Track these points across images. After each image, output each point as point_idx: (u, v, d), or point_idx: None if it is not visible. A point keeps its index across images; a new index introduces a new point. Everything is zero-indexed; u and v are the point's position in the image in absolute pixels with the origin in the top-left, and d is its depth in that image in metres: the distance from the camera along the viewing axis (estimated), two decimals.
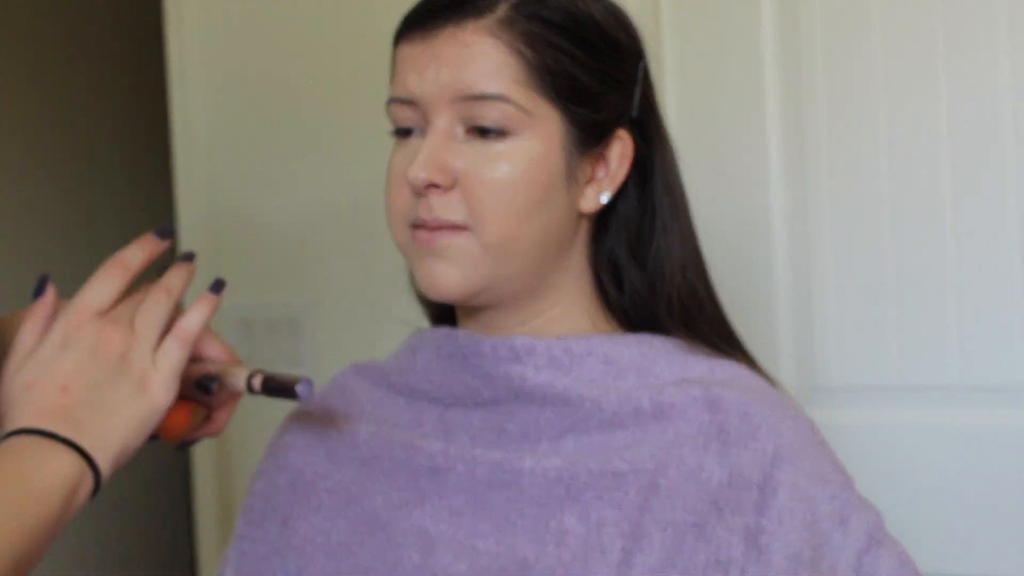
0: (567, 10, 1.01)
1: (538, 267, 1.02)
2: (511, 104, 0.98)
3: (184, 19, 1.96)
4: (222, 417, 1.03)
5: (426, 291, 1.02)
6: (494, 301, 1.03)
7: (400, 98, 1.01)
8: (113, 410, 0.91)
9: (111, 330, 0.93)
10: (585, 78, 1.00)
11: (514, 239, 0.99)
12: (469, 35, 0.99)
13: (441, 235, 0.99)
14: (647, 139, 1.06)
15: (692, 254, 1.08)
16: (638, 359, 1.04)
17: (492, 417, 1.03)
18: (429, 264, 1.00)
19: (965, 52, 1.46)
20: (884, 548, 1.00)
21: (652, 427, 1.00)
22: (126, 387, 0.92)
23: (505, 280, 1.01)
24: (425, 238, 1.00)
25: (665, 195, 1.06)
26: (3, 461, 0.88)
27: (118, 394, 0.92)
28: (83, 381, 0.91)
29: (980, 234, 1.47)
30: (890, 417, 1.52)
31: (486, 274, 1.00)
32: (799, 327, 1.57)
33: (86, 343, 0.92)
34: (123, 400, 0.92)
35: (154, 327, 0.94)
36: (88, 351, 0.92)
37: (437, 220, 0.99)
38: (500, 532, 0.99)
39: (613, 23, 1.04)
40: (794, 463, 0.99)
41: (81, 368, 0.92)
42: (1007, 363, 1.46)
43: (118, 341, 0.93)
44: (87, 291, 0.95)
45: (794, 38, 1.55)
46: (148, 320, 0.94)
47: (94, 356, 0.92)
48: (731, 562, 0.96)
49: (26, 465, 0.88)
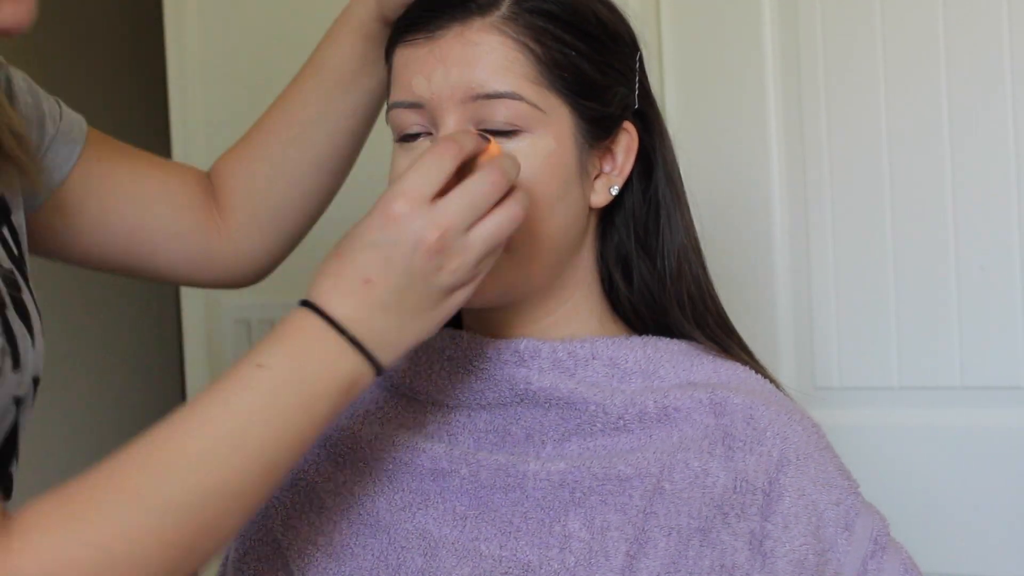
0: (568, 3, 1.00)
1: (554, 266, 1.01)
2: (523, 101, 0.96)
3: (184, 19, 1.96)
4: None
5: None
6: (508, 302, 1.02)
7: (406, 102, 0.99)
8: (410, 317, 0.87)
9: (433, 233, 0.86)
10: (592, 71, 1.00)
11: (534, 239, 0.98)
12: (476, 33, 0.97)
13: None
14: (649, 131, 1.05)
15: (694, 244, 1.08)
16: (643, 362, 1.03)
17: (496, 420, 1.03)
18: None
19: (965, 52, 1.46)
20: (889, 553, 1.00)
21: (657, 431, 1.00)
22: (432, 297, 0.88)
23: (524, 281, 1.00)
24: None
25: (667, 186, 1.06)
26: (284, 346, 0.85)
27: (420, 303, 0.87)
28: (389, 282, 0.86)
29: (980, 234, 1.47)
30: (890, 417, 1.52)
31: (506, 277, 0.98)
32: (799, 328, 1.57)
33: (405, 239, 0.86)
34: (424, 308, 0.87)
35: (488, 243, 0.88)
36: (405, 250, 0.86)
37: None
38: (504, 536, 0.98)
39: (611, 15, 1.03)
40: (799, 468, 0.99)
41: (391, 266, 0.86)
42: (1007, 363, 1.46)
43: (440, 247, 0.86)
44: (416, 174, 0.87)
45: (794, 38, 1.55)
46: (490, 238, 0.88)
47: (409, 257, 0.86)
48: (736, 567, 0.95)
49: (310, 359, 0.85)
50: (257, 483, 0.83)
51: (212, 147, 1.92)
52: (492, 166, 0.90)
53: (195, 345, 2.00)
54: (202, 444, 0.81)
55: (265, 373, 0.84)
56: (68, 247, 1.11)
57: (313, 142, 1.16)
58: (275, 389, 0.84)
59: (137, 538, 0.79)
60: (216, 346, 1.99)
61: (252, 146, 1.19)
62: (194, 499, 0.81)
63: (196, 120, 1.96)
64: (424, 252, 0.86)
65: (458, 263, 0.88)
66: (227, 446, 0.82)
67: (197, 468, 0.81)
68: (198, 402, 0.84)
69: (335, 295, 0.86)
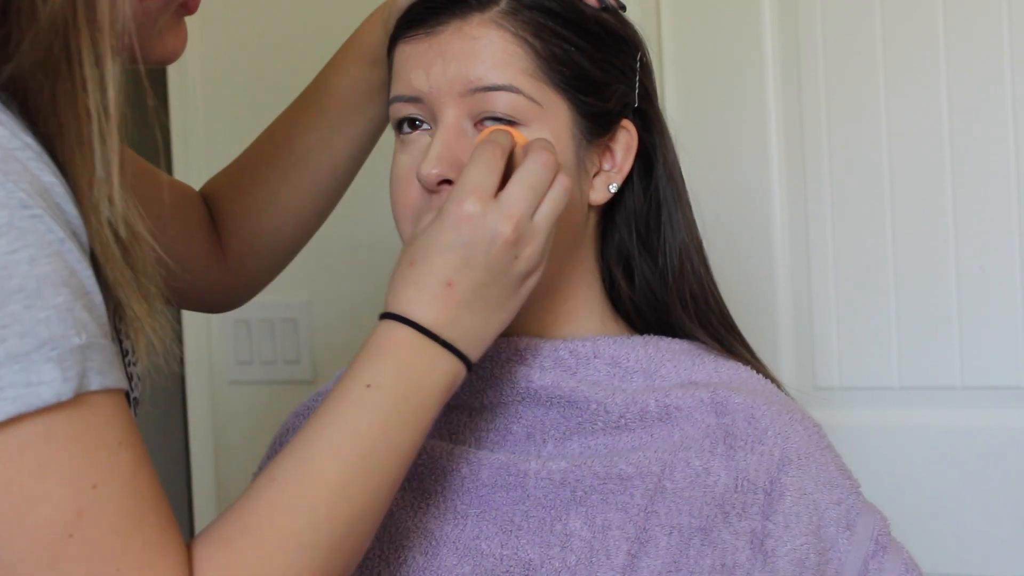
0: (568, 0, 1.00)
1: (553, 262, 1.01)
2: (521, 95, 0.97)
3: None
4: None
5: None
6: None
7: (405, 96, 1.00)
8: (492, 310, 0.90)
9: (507, 226, 0.89)
10: (591, 67, 1.00)
11: None
12: (475, 28, 0.97)
13: None
14: (649, 129, 1.05)
15: (696, 242, 1.08)
16: (644, 361, 1.03)
17: (497, 419, 1.03)
18: None
19: (966, 51, 1.46)
20: (890, 553, 1.00)
21: (658, 430, 1.00)
22: (510, 287, 0.90)
23: None
24: None
25: (668, 185, 1.06)
26: (387, 362, 0.86)
27: (501, 295, 0.90)
28: (471, 281, 0.88)
29: (980, 234, 1.47)
30: (890, 417, 1.53)
31: None
32: (799, 327, 1.57)
33: (482, 236, 0.88)
34: (504, 299, 0.90)
35: (551, 222, 0.92)
36: (483, 247, 0.88)
37: None
38: (505, 534, 0.98)
39: (610, 13, 1.03)
40: (801, 467, 0.99)
41: (471, 265, 0.88)
42: (1007, 363, 1.46)
43: (516, 238, 0.89)
44: (476, 173, 0.90)
45: (794, 38, 1.55)
46: (551, 217, 0.91)
47: (487, 253, 0.89)
48: (737, 567, 0.95)
49: (414, 371, 0.87)
50: (385, 500, 0.86)
51: (212, 148, 1.92)
52: (539, 148, 0.92)
53: (195, 345, 2.00)
54: (338, 476, 0.83)
55: (376, 393, 0.85)
56: None
57: (314, 168, 1.16)
58: (389, 407, 0.86)
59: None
60: (216, 346, 1.99)
61: (250, 170, 1.19)
62: (342, 529, 0.82)
63: (196, 121, 1.96)
64: (501, 245, 0.89)
65: (531, 249, 0.91)
66: (359, 472, 0.83)
67: (339, 499, 0.82)
68: (320, 431, 0.85)
69: (421, 303, 0.88)
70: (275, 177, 1.17)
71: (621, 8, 1.04)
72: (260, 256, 1.19)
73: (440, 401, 0.88)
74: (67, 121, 0.76)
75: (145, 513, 0.75)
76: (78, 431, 0.73)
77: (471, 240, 0.88)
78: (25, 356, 0.71)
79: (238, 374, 1.98)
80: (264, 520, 0.80)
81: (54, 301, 0.72)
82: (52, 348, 0.71)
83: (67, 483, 0.72)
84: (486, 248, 0.89)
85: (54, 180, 0.75)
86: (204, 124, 1.96)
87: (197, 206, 1.19)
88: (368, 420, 0.85)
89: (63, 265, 0.73)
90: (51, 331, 0.71)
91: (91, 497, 0.73)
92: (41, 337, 0.71)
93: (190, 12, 0.90)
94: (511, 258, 0.90)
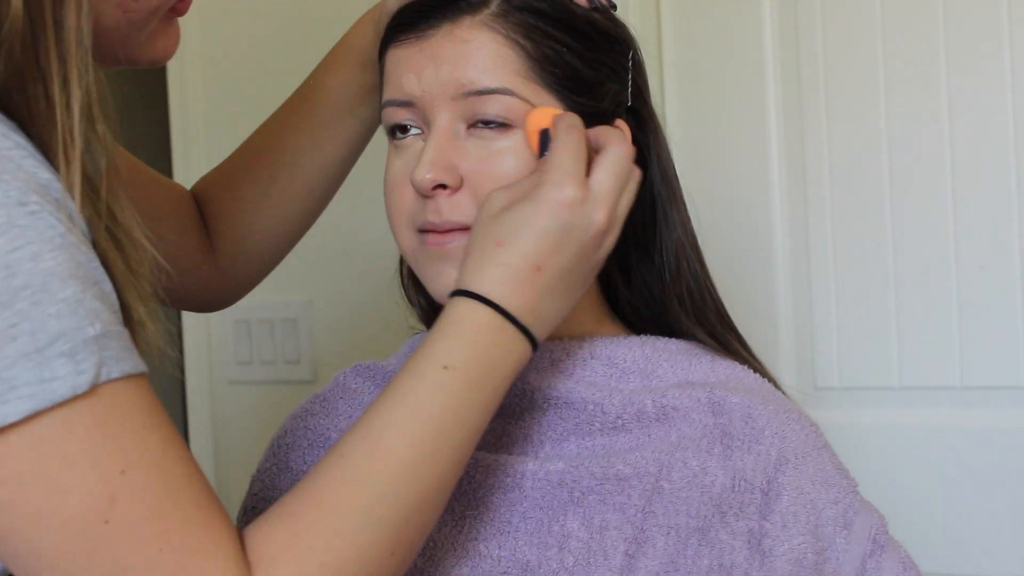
0: (557, 0, 0.99)
1: None
2: (514, 97, 0.96)
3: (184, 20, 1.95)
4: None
5: (439, 297, 0.98)
6: None
7: (397, 100, 0.99)
8: (569, 296, 0.91)
9: (602, 214, 0.90)
10: (583, 67, 1.00)
11: None
12: (466, 31, 0.97)
13: (453, 237, 0.96)
14: (642, 128, 1.05)
15: (691, 240, 1.08)
16: (641, 361, 1.03)
17: (494, 420, 1.02)
18: (441, 268, 0.97)
19: (966, 51, 1.46)
20: (888, 552, 1.00)
21: (655, 430, 1.00)
22: (590, 274, 0.92)
23: None
24: (436, 242, 0.97)
25: (662, 183, 1.06)
26: (465, 343, 0.86)
27: (580, 281, 0.91)
28: (559, 266, 0.89)
29: (980, 234, 1.47)
30: (890, 417, 1.52)
31: None
32: (799, 328, 1.57)
33: (579, 223, 0.89)
34: (580, 286, 0.92)
35: (627, 211, 0.94)
36: (579, 234, 0.89)
37: (447, 223, 0.96)
38: (502, 535, 0.98)
39: (601, 13, 1.03)
40: (798, 467, 0.99)
41: (563, 250, 0.89)
42: (1007, 363, 1.46)
43: (609, 227, 0.91)
44: (569, 158, 0.91)
45: (794, 38, 1.55)
46: (627, 208, 0.93)
47: (580, 241, 0.89)
48: (734, 566, 0.95)
49: (493, 355, 0.87)
50: (451, 481, 0.86)
51: (212, 148, 1.92)
52: (619, 139, 0.94)
53: (195, 345, 2.01)
54: (406, 454, 0.83)
55: (453, 374, 0.85)
56: None
57: (304, 169, 1.16)
58: (465, 389, 0.86)
59: (368, 556, 0.80)
60: (216, 346, 1.99)
61: (240, 170, 1.19)
62: (406, 509, 0.82)
63: (196, 121, 1.96)
64: (595, 234, 0.90)
65: (612, 239, 0.93)
66: (430, 452, 0.84)
67: (405, 479, 0.82)
68: (393, 408, 0.85)
69: (507, 286, 0.88)
70: (265, 178, 1.16)
71: (612, 7, 1.04)
72: (250, 256, 1.19)
73: (509, 385, 0.89)
74: (45, 138, 0.76)
75: (181, 492, 0.75)
76: (100, 419, 0.73)
77: (569, 225, 0.89)
78: (37, 353, 0.71)
79: (238, 374, 1.98)
80: (331, 494, 0.80)
81: (63, 295, 0.72)
82: (65, 342, 0.72)
83: (95, 471, 0.73)
84: (580, 235, 0.90)
85: (51, 176, 0.75)
86: (204, 124, 1.96)
87: (188, 205, 1.19)
88: (442, 402, 0.85)
89: (68, 257, 0.73)
90: (62, 325, 0.72)
91: (121, 482, 0.73)
92: (52, 332, 0.71)
93: (180, 14, 0.90)
94: (598, 246, 0.91)
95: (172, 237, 1.14)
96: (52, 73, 0.76)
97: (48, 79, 0.76)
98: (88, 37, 0.77)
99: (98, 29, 0.80)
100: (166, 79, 1.99)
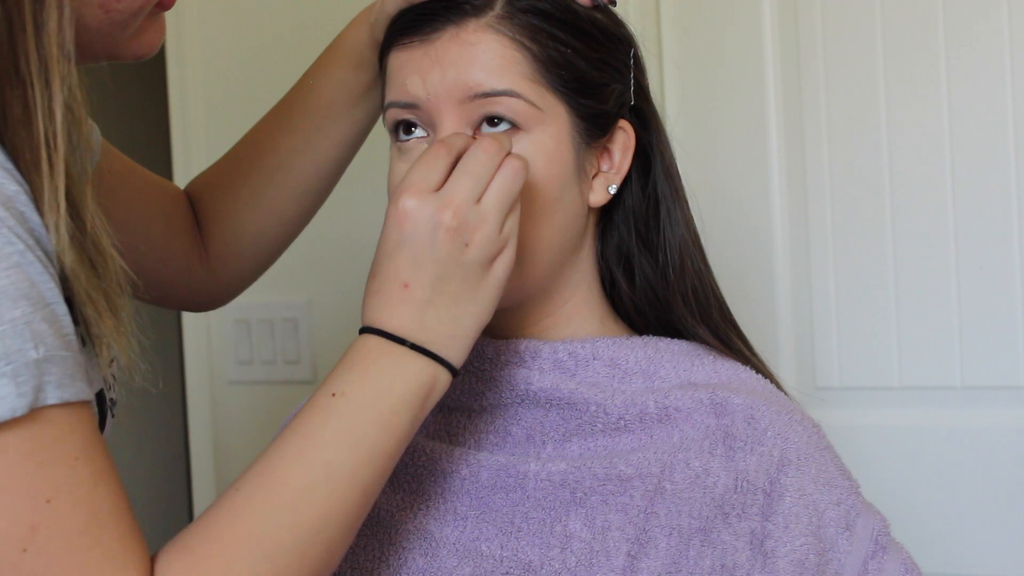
0: (561, 2, 0.99)
1: (554, 266, 1.01)
2: (521, 99, 0.96)
3: (183, 19, 1.96)
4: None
5: None
6: (509, 304, 1.01)
7: (400, 102, 0.99)
8: (458, 303, 0.88)
9: (446, 214, 0.87)
10: (588, 68, 1.00)
11: (534, 239, 0.98)
12: (472, 33, 0.97)
13: None
14: (646, 127, 1.05)
15: (695, 238, 1.08)
16: (643, 362, 1.03)
17: (496, 421, 1.03)
18: None
19: (966, 51, 1.46)
20: (889, 554, 1.00)
21: (658, 431, 1.00)
22: (471, 276, 0.88)
23: (524, 282, 0.99)
24: None
25: (666, 181, 1.06)
26: (353, 371, 0.86)
27: (462, 286, 0.88)
28: (425, 277, 0.87)
29: (980, 235, 1.47)
30: (890, 417, 1.52)
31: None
32: (799, 328, 1.57)
33: (423, 230, 0.87)
34: (469, 289, 0.88)
35: (502, 204, 0.89)
36: (426, 240, 0.87)
37: None
38: (504, 536, 0.98)
39: (602, 12, 1.03)
40: (800, 468, 0.99)
41: (420, 262, 0.87)
42: (1007, 363, 1.46)
43: (458, 224, 0.87)
44: (415, 171, 0.89)
45: (794, 38, 1.55)
46: (499, 199, 0.89)
47: (431, 245, 0.87)
48: (737, 567, 0.95)
49: (379, 376, 0.86)
50: (356, 506, 0.85)
51: (212, 147, 1.92)
52: (483, 138, 0.91)
53: (195, 345, 2.00)
54: (299, 481, 0.83)
55: (341, 400, 0.85)
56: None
57: (298, 169, 1.15)
58: (354, 414, 0.85)
59: None
60: (216, 346, 1.99)
61: (234, 170, 1.18)
62: (304, 536, 0.82)
63: (196, 120, 1.96)
64: (444, 235, 0.87)
65: (482, 234, 0.89)
66: (322, 478, 0.83)
67: (299, 506, 0.82)
68: (286, 440, 0.85)
69: (383, 310, 0.87)
70: (259, 178, 1.16)
71: (612, 3, 1.03)
72: (243, 256, 1.19)
73: (417, 405, 0.87)
74: (20, 145, 0.76)
75: (104, 525, 0.75)
76: (33, 446, 0.73)
77: (413, 236, 0.87)
78: None
79: (238, 374, 1.98)
80: (226, 527, 0.80)
81: (11, 315, 0.71)
82: (7, 363, 0.71)
83: (21, 498, 0.72)
84: (430, 241, 0.87)
85: (17, 189, 0.74)
86: (204, 124, 1.96)
87: (181, 205, 1.18)
88: (332, 427, 0.85)
89: (22, 277, 0.72)
90: (5, 346, 0.71)
91: (46, 512, 0.73)
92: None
93: (166, 8, 0.90)
94: (460, 246, 0.88)
95: (163, 236, 1.14)
96: (33, 78, 0.75)
97: (27, 84, 0.75)
98: (71, 41, 0.77)
99: (80, 29, 0.80)
100: (166, 79, 1.98)
